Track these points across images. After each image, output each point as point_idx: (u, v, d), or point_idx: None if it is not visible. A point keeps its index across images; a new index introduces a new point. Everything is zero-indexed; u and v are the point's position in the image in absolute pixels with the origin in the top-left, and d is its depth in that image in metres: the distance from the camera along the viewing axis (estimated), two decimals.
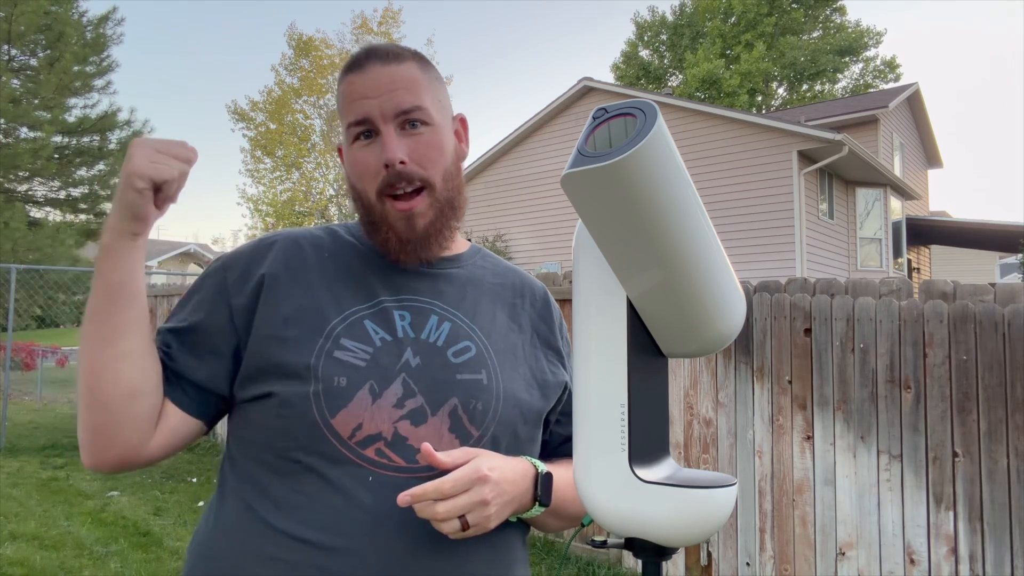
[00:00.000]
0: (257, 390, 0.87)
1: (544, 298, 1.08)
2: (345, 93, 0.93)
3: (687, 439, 3.71)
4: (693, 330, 0.71)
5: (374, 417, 0.84)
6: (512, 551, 0.93)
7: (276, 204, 20.83)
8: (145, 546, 4.34)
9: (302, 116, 20.71)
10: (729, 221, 12.66)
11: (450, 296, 0.97)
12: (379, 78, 0.90)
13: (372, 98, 0.90)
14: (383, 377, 0.86)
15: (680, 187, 0.62)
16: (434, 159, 0.92)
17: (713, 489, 0.70)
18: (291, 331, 0.87)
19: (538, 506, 0.89)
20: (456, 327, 0.94)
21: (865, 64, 30.05)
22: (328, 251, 0.96)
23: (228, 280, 0.92)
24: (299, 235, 0.99)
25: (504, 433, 0.91)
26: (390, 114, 0.89)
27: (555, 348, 1.05)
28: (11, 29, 14.57)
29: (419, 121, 0.91)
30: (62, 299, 15.40)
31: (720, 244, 0.69)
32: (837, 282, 3.27)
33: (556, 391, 1.01)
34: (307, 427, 0.83)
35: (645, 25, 32.72)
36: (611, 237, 0.65)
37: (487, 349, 0.95)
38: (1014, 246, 16.40)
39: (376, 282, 0.94)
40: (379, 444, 0.84)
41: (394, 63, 0.92)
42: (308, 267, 0.94)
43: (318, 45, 20.39)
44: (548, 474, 0.89)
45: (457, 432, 0.88)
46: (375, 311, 0.91)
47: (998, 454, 2.83)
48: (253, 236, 19.09)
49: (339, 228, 1.01)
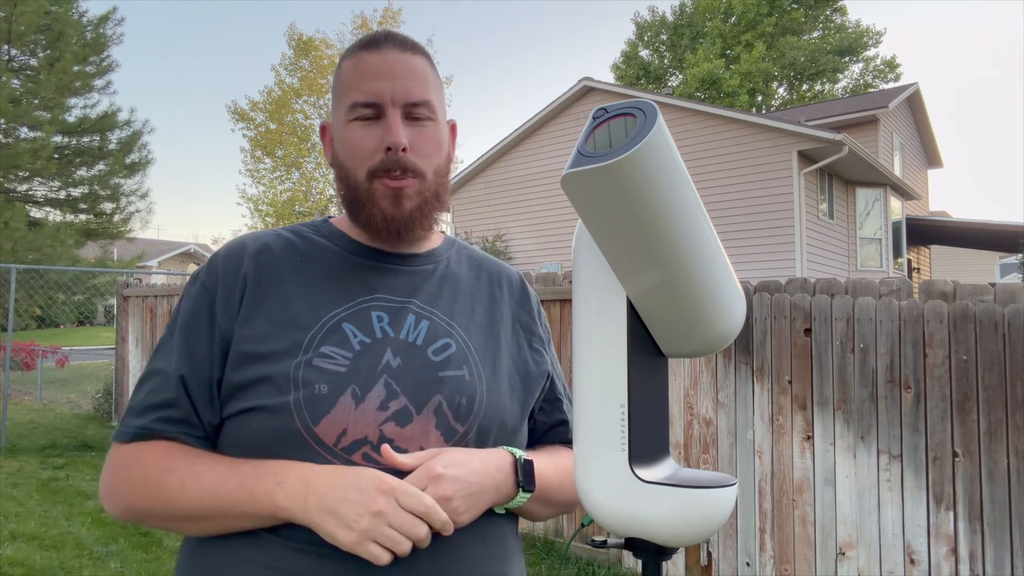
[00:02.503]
0: (239, 406, 0.86)
1: (521, 286, 1.08)
2: (356, 69, 0.92)
3: (687, 439, 3.71)
4: (693, 330, 0.71)
5: (358, 421, 0.83)
6: (506, 544, 0.92)
7: (276, 204, 20.81)
8: (145, 546, 4.34)
9: (302, 116, 20.70)
10: (729, 221, 12.67)
11: (426, 293, 0.96)
12: (395, 63, 0.91)
13: (387, 80, 0.89)
14: (365, 380, 0.85)
15: (680, 187, 0.62)
16: (431, 153, 0.92)
17: (713, 489, 0.70)
18: (270, 345, 0.86)
19: (522, 493, 0.89)
20: (434, 325, 0.93)
21: (865, 64, 30.06)
22: (300, 254, 0.95)
23: (216, 304, 0.90)
24: (267, 237, 0.97)
25: (491, 427, 0.91)
26: (400, 101, 0.90)
27: (536, 335, 1.05)
28: (11, 29, 14.58)
29: (424, 115, 0.92)
30: (62, 299, 15.41)
31: (720, 244, 0.69)
32: (837, 282, 3.27)
33: (540, 380, 1.01)
34: (291, 437, 0.82)
35: (645, 25, 32.72)
36: (611, 237, 0.65)
37: (467, 345, 0.94)
38: (1014, 246, 16.41)
39: (351, 282, 0.93)
40: (365, 448, 0.83)
41: (411, 52, 0.93)
42: (281, 272, 0.92)
43: (318, 45, 20.38)
44: (528, 460, 0.89)
45: (443, 430, 0.87)
46: (352, 312, 0.90)
47: (998, 454, 2.83)
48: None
49: (306, 229, 1.00)
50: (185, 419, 0.87)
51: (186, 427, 0.87)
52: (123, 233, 17.70)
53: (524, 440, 0.99)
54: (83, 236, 16.69)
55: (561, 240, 14.63)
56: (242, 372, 0.86)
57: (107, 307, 22.44)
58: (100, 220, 17.38)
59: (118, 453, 0.88)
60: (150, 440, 0.87)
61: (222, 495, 0.81)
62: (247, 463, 0.83)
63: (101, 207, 17.33)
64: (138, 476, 0.85)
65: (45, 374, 11.41)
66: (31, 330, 16.79)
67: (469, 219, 16.58)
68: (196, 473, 0.82)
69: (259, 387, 0.85)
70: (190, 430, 0.87)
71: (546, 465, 0.94)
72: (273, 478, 0.80)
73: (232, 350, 0.87)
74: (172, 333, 0.91)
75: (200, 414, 0.87)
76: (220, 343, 0.88)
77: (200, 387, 0.87)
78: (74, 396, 10.75)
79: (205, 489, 0.81)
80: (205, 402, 0.87)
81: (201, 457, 0.85)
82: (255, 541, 0.82)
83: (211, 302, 0.90)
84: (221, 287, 0.91)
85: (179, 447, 0.86)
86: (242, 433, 0.86)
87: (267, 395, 0.84)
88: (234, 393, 0.86)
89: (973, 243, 18.92)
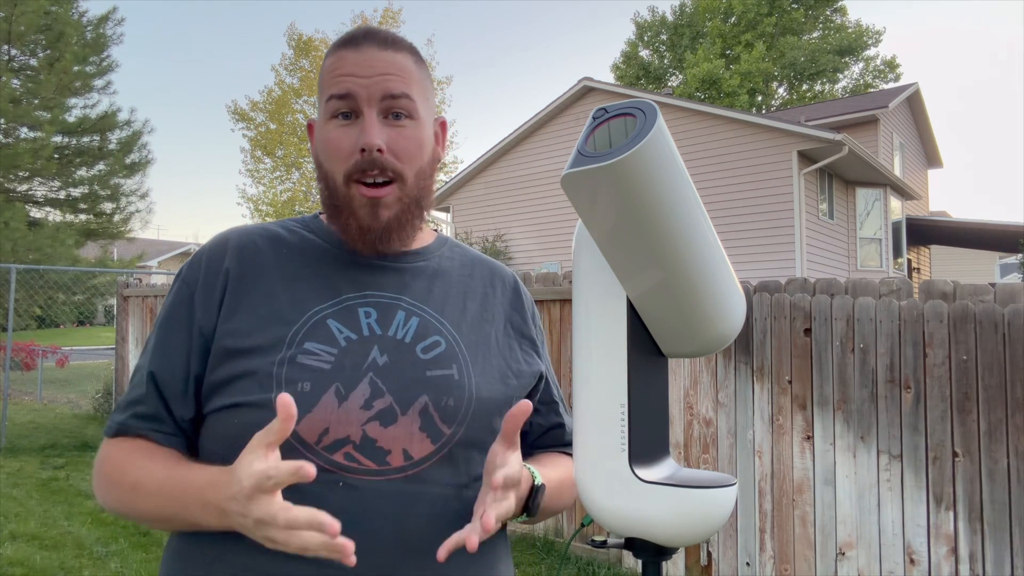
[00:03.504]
0: (220, 402, 0.85)
1: (515, 286, 1.06)
2: (333, 66, 0.89)
3: (687, 439, 3.71)
4: (693, 330, 0.71)
5: (341, 420, 0.81)
6: (495, 549, 0.92)
7: (276, 204, 20.82)
8: (145, 546, 4.34)
9: (302, 116, 20.70)
10: (729, 221, 12.67)
11: (417, 290, 0.94)
12: (373, 60, 0.88)
13: (362, 77, 0.87)
14: (349, 378, 0.83)
15: (680, 187, 0.62)
16: (411, 154, 0.89)
17: (713, 489, 0.70)
18: (252, 340, 0.85)
19: (525, 516, 0.87)
20: (424, 322, 0.91)
21: (865, 64, 30.06)
22: (286, 247, 0.93)
23: (195, 300, 0.89)
24: (253, 232, 0.95)
25: (479, 429, 0.88)
26: (376, 97, 0.87)
27: (529, 337, 1.03)
28: (11, 29, 14.57)
29: (403, 113, 0.88)
30: (62, 299, 15.40)
31: (720, 244, 0.69)
32: (837, 282, 3.27)
33: (531, 381, 0.99)
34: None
35: (645, 25, 32.73)
36: (611, 237, 0.65)
37: (457, 343, 0.92)
38: (1014, 246, 16.41)
39: (339, 279, 0.91)
40: (347, 448, 0.81)
41: (391, 49, 0.89)
42: (265, 267, 0.91)
43: (318, 45, 20.40)
44: (543, 486, 0.87)
45: (428, 431, 0.85)
46: (339, 309, 0.88)
47: (998, 454, 2.83)
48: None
49: (294, 224, 0.98)
50: (155, 415, 0.87)
51: (156, 423, 0.87)
52: (123, 233, 17.69)
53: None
54: (83, 236, 16.67)
55: (561, 240, 14.63)
56: (224, 367, 0.85)
57: (107, 307, 22.44)
58: (100, 220, 17.36)
59: (102, 448, 0.91)
60: (124, 436, 0.88)
61: (164, 507, 0.81)
62: (179, 471, 0.82)
63: (101, 207, 17.31)
64: (107, 474, 0.87)
65: (45, 374, 11.41)
66: (31, 330, 16.78)
67: (469, 219, 16.58)
68: (147, 477, 0.83)
69: (241, 382, 0.83)
70: (160, 426, 0.87)
71: (548, 479, 0.92)
72: (198, 495, 0.78)
73: (214, 345, 0.86)
74: (154, 331, 0.92)
75: (172, 410, 0.87)
76: (199, 338, 0.87)
77: (172, 383, 0.87)
78: (74, 396, 10.75)
79: (151, 495, 0.82)
80: (177, 397, 0.87)
81: (153, 459, 0.85)
82: (239, 543, 0.78)
83: (190, 297, 0.89)
84: (202, 282, 0.90)
85: (142, 446, 0.87)
86: (224, 429, 0.85)
87: (249, 391, 0.83)
88: (216, 388, 0.85)
89: (973, 243, 18.92)
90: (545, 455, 1.02)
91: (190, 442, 0.90)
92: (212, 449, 0.86)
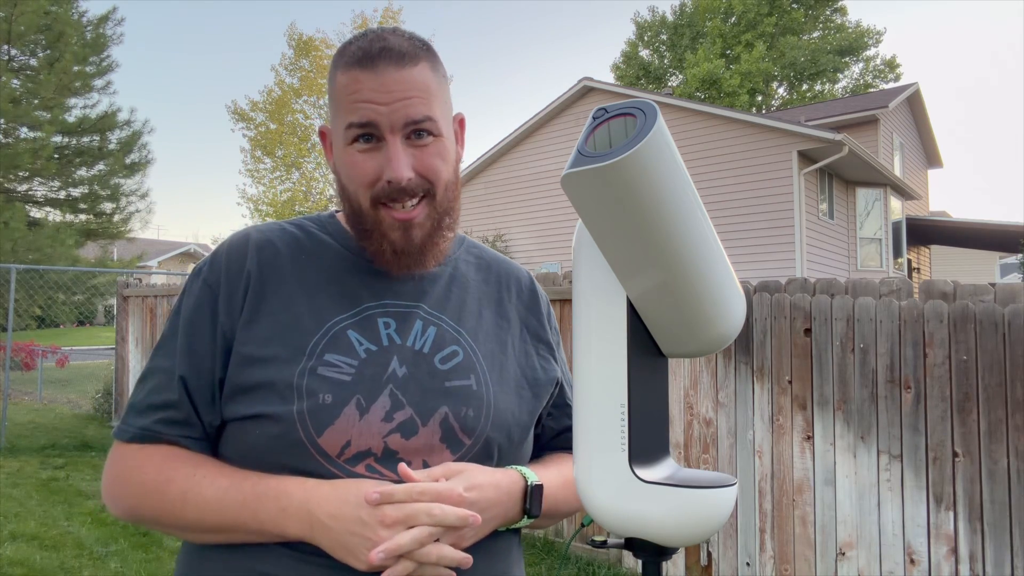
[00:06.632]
0: (242, 410, 0.84)
1: (531, 288, 1.05)
2: (349, 88, 0.85)
3: (687, 439, 3.71)
4: (693, 330, 0.71)
5: (362, 433, 0.82)
6: (509, 554, 0.92)
7: (276, 204, 20.81)
8: (145, 546, 4.34)
9: (302, 116, 20.71)
10: (729, 221, 12.67)
11: (434, 298, 0.93)
12: (391, 83, 0.83)
13: (382, 104, 0.83)
14: (370, 390, 0.84)
15: (680, 187, 0.62)
16: (437, 169, 0.87)
17: (713, 489, 0.70)
18: (272, 349, 0.84)
19: (526, 518, 0.88)
20: (441, 331, 0.91)
21: (865, 64, 30.07)
22: (305, 252, 0.92)
23: (219, 303, 0.88)
24: (272, 232, 0.94)
25: (498, 438, 0.89)
26: (399, 125, 0.84)
27: (545, 341, 1.03)
28: (11, 29, 14.57)
29: (427, 132, 0.86)
30: (62, 299, 15.41)
31: (720, 244, 0.69)
32: (837, 282, 3.27)
33: (548, 388, 0.99)
34: (294, 447, 0.81)
35: (645, 25, 32.72)
36: (611, 237, 0.65)
37: (475, 353, 0.92)
38: (1014, 246, 16.40)
39: (358, 287, 0.90)
40: (369, 460, 0.82)
41: (409, 66, 0.85)
42: (285, 273, 0.89)
43: (318, 45, 20.38)
44: (539, 486, 0.88)
45: (449, 442, 0.85)
46: (358, 320, 0.88)
47: (998, 454, 2.83)
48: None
49: (311, 225, 0.96)
50: (186, 421, 0.85)
51: (187, 429, 0.86)
52: (123, 233, 17.69)
53: (530, 449, 0.98)
54: (83, 236, 16.67)
55: (561, 240, 14.63)
56: (243, 374, 0.84)
57: (107, 307, 22.44)
58: (100, 220, 17.36)
59: (120, 453, 0.87)
60: (151, 443, 0.85)
61: (226, 514, 0.80)
62: (247, 479, 0.81)
63: (101, 207, 17.31)
64: (141, 482, 0.84)
65: (45, 374, 11.41)
66: (31, 330, 16.79)
67: (469, 219, 16.58)
68: (197, 485, 0.81)
69: (261, 392, 0.83)
70: (190, 432, 0.86)
71: (553, 478, 0.93)
72: (275, 502, 0.79)
73: (234, 351, 0.85)
74: (175, 330, 0.89)
75: (201, 416, 0.86)
76: (222, 342, 0.86)
77: (201, 388, 0.86)
78: (74, 396, 10.75)
79: (208, 504, 0.80)
80: (206, 403, 0.86)
81: (201, 466, 0.84)
82: (260, 549, 0.81)
83: (214, 300, 0.88)
84: (224, 285, 0.88)
85: (179, 453, 0.85)
86: (245, 439, 0.84)
87: (270, 402, 0.82)
88: (235, 395, 0.84)
89: (973, 243, 18.92)
90: (554, 455, 1.03)
91: (215, 448, 0.89)
92: (229, 458, 0.86)
